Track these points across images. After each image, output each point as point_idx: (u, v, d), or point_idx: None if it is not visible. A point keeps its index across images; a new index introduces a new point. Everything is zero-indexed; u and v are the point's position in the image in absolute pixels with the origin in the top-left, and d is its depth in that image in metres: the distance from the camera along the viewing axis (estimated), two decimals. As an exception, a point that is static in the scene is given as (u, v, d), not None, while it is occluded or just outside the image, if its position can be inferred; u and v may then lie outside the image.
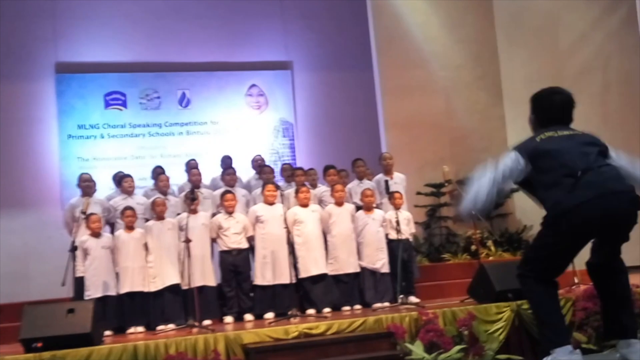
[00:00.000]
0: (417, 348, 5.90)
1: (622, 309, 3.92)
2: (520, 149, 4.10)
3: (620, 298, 3.96)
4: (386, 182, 8.19)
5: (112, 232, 8.00)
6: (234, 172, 8.67)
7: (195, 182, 8.57)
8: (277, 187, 8.01)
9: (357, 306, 7.82)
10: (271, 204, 7.87)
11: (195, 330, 6.54)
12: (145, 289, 7.44)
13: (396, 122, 10.90)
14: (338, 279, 7.87)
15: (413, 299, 7.76)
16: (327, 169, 8.80)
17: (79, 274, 7.33)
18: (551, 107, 4.11)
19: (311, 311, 7.50)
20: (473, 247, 9.50)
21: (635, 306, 4.58)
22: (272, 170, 9.03)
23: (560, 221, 3.83)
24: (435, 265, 9.83)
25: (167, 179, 8.48)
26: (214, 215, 8.01)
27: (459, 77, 11.18)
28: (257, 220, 7.82)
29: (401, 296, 7.39)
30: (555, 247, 3.93)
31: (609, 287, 3.97)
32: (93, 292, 7.21)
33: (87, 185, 8.35)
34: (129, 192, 8.41)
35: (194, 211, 7.62)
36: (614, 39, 10.31)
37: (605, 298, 4.03)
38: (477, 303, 6.76)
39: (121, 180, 8.57)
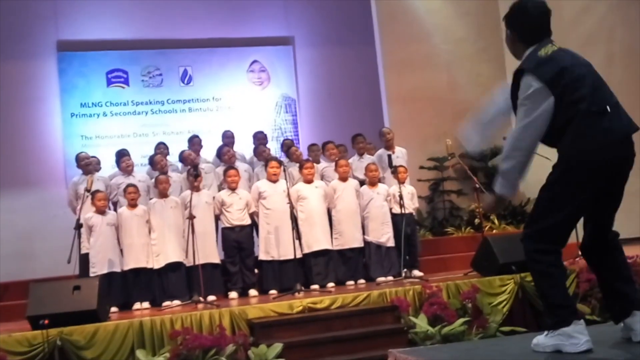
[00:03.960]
0: (421, 321, 5.95)
1: (625, 283, 3.65)
2: (538, 74, 3.31)
3: (621, 273, 3.63)
4: (389, 156, 8.18)
5: (115, 210, 8.01)
6: (231, 152, 8.58)
7: (191, 163, 8.41)
8: (280, 163, 7.98)
9: (361, 281, 7.85)
10: (274, 181, 7.88)
11: (200, 305, 6.59)
12: (149, 266, 7.47)
13: (398, 96, 10.85)
14: (343, 253, 7.90)
15: (417, 272, 7.80)
16: (325, 144, 8.82)
17: (84, 251, 7.37)
18: (533, 17, 3.43)
19: (315, 286, 7.54)
20: (477, 221, 9.52)
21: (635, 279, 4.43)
22: (267, 149, 8.99)
23: (586, 165, 3.23)
24: (438, 239, 9.86)
25: (161, 160, 8.38)
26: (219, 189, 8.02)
27: (462, 50, 11.11)
28: (260, 196, 7.83)
29: (404, 270, 7.43)
30: (578, 201, 3.30)
31: (608, 264, 3.64)
32: (98, 268, 7.25)
33: (86, 164, 8.37)
34: (128, 171, 8.38)
35: (197, 188, 7.62)
36: (617, 10, 10.21)
37: (605, 277, 3.67)
38: (481, 276, 6.80)
39: (119, 160, 8.54)
